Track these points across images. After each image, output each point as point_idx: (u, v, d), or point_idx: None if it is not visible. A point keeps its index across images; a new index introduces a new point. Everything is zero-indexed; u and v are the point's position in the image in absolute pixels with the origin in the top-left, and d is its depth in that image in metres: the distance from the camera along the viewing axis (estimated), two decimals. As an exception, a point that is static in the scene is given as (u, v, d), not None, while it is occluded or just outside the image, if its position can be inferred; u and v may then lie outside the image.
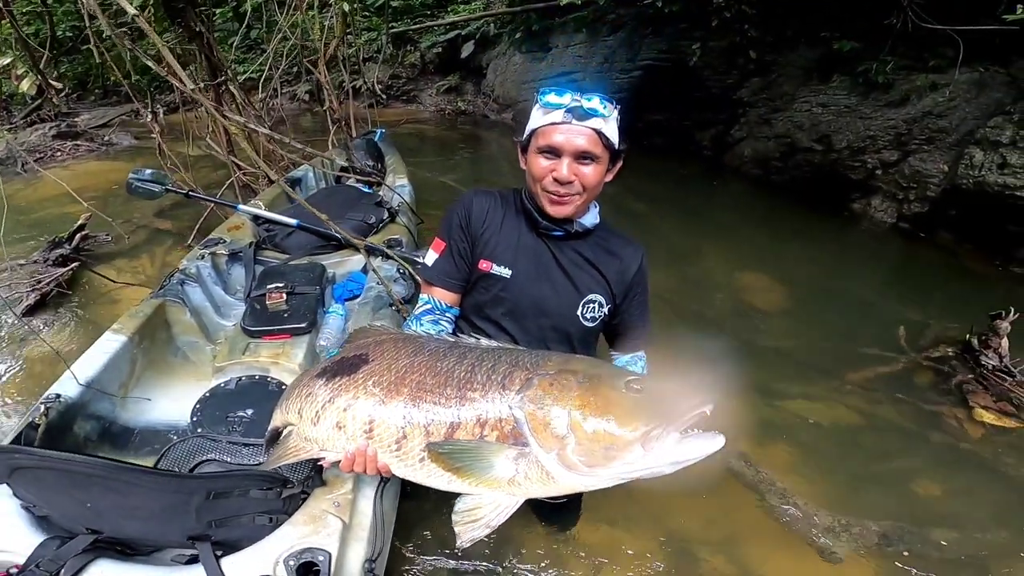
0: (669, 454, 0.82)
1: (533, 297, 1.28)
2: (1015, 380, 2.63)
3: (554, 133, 1.15)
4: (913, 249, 4.09)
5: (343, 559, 1.02)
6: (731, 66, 5.24)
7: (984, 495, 2.15)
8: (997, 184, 3.51)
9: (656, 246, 3.90)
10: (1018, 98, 3.59)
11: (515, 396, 0.86)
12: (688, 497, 2.00)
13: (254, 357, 1.72)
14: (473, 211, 1.30)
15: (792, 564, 1.81)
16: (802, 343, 2.98)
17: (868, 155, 4.27)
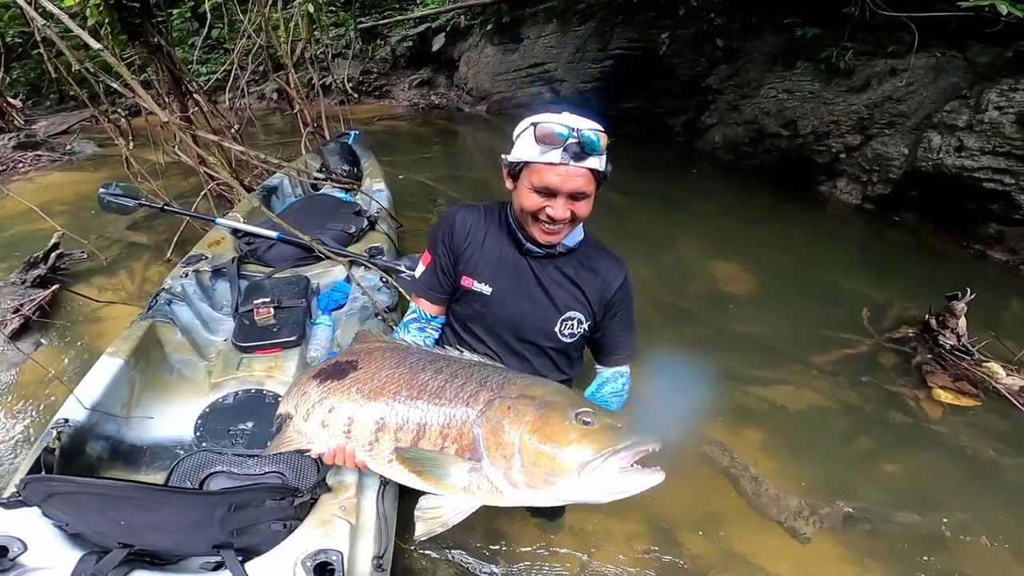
0: (604, 485, 0.89)
1: (512, 314, 1.31)
2: (973, 360, 2.74)
3: (550, 174, 1.13)
4: (877, 230, 4.24)
5: (354, 557, 1.12)
6: (699, 54, 5.31)
7: (944, 474, 2.25)
8: (955, 166, 3.66)
9: (632, 237, 3.99)
10: (974, 82, 3.72)
11: (476, 414, 0.95)
12: (671, 484, 2.07)
13: (248, 372, 1.78)
14: (456, 228, 1.32)
15: (766, 545, 1.92)
16: (772, 329, 3.08)
17: (832, 139, 4.39)
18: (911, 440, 2.41)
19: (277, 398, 1.68)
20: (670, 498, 2.05)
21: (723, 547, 1.90)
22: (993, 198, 3.65)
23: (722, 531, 1.96)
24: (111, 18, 2.46)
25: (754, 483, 2.13)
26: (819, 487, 2.14)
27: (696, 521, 1.99)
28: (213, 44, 6.28)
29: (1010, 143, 3.44)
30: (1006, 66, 3.56)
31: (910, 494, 2.15)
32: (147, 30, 2.78)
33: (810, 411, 2.55)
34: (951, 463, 2.31)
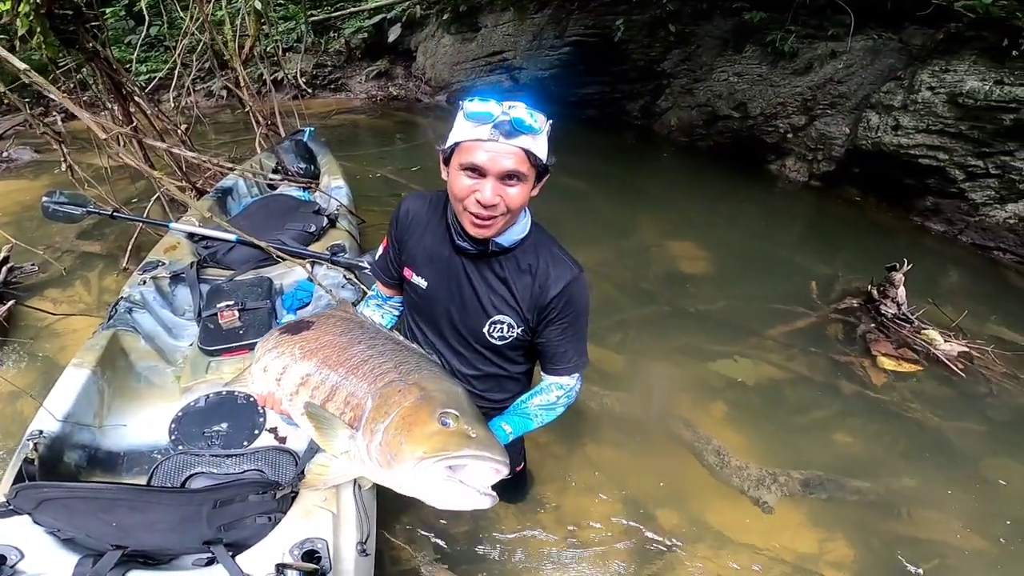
0: (430, 486, 0.92)
1: (443, 310, 1.30)
2: (912, 327, 2.91)
3: (478, 150, 1.05)
4: (824, 205, 4.44)
5: (338, 544, 1.19)
6: (653, 39, 5.40)
7: (893, 440, 2.39)
8: (892, 144, 3.85)
9: (594, 221, 4.06)
10: (908, 63, 3.91)
11: (375, 390, 1.03)
12: (643, 462, 2.22)
13: (218, 375, 1.78)
14: (400, 217, 1.32)
15: (734, 515, 2.02)
16: (727, 305, 3.21)
17: (780, 120, 4.56)
18: (860, 408, 2.53)
19: (249, 399, 1.70)
20: (644, 476, 2.15)
21: (694, 519, 2.00)
22: (929, 173, 3.86)
23: (693, 504, 2.06)
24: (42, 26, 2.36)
25: (717, 456, 2.24)
26: (778, 457, 2.25)
27: (668, 496, 2.08)
28: (152, 42, 6.04)
29: (942, 121, 3.65)
30: (937, 48, 3.76)
31: (862, 461, 2.27)
32: (82, 36, 2.67)
33: (766, 383, 2.67)
34: (898, 430, 2.44)
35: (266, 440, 1.61)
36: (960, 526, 2.04)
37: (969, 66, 3.52)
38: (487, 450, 0.92)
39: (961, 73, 3.52)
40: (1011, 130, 3.44)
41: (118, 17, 6.00)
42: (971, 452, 2.34)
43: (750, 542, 1.93)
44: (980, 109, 3.48)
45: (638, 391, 2.56)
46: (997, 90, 3.38)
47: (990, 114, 3.46)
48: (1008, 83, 3.35)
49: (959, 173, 3.72)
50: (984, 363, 2.78)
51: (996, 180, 3.64)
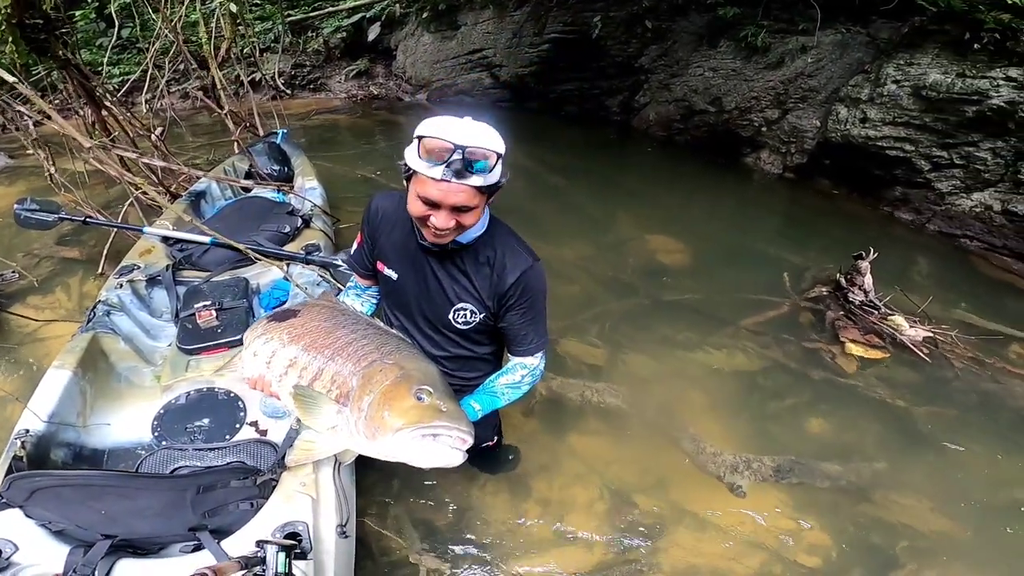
0: (409, 450, 1.06)
1: (412, 299, 1.42)
2: (879, 314, 2.99)
3: (432, 188, 1.13)
4: (797, 196, 4.53)
5: (318, 527, 1.25)
6: (631, 35, 5.45)
7: (863, 425, 2.44)
8: (861, 136, 3.94)
9: (573, 217, 4.10)
10: (875, 57, 4.00)
11: (359, 369, 1.13)
12: (624, 451, 2.27)
13: (198, 372, 1.84)
14: (371, 216, 1.42)
15: (711, 501, 2.08)
16: (704, 296, 3.27)
17: (754, 114, 4.64)
18: (831, 394, 2.59)
19: (230, 394, 1.76)
20: (623, 463, 2.20)
21: (674, 505, 2.06)
22: (896, 164, 3.96)
23: (672, 491, 2.11)
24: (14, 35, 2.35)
25: (694, 443, 2.30)
26: (752, 444, 2.30)
27: (648, 483, 2.14)
28: (125, 44, 5.96)
29: (908, 113, 3.74)
30: (902, 41, 3.84)
31: (833, 446, 2.33)
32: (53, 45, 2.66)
33: (741, 372, 2.73)
34: (868, 415, 2.50)
35: (247, 433, 1.68)
36: (929, 509, 2.09)
37: (932, 59, 3.61)
38: (455, 422, 1.06)
39: (925, 66, 3.61)
40: (974, 122, 3.53)
41: (88, 19, 5.92)
42: (938, 435, 2.41)
43: (728, 527, 1.99)
44: (943, 101, 3.57)
45: (618, 382, 2.60)
46: (959, 83, 3.47)
47: (953, 106, 3.55)
48: (970, 76, 3.44)
49: (925, 164, 3.82)
50: (949, 348, 2.85)
51: (961, 170, 3.74)
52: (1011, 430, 2.45)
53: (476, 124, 1.15)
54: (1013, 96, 3.35)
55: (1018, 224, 3.55)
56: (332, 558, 1.24)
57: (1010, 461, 2.31)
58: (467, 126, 1.13)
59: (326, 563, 1.23)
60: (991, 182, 3.65)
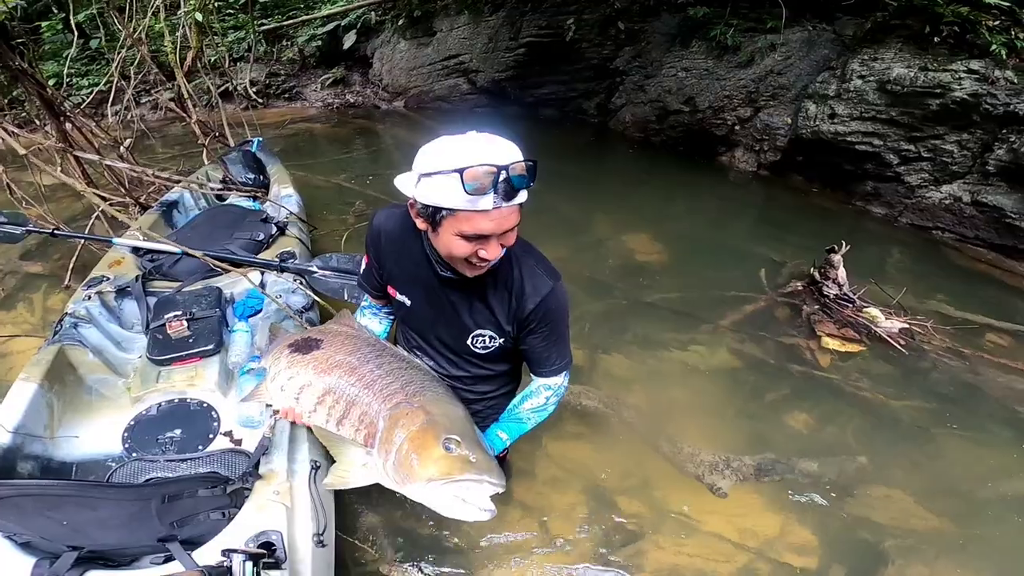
0: (441, 502, 1.09)
1: (429, 326, 1.37)
2: (854, 307, 3.01)
3: (483, 221, 1.03)
4: (772, 193, 4.59)
5: (293, 535, 1.23)
6: (605, 37, 5.49)
7: (843, 420, 2.43)
8: (830, 132, 4.01)
9: (551, 219, 4.09)
10: (841, 53, 4.07)
11: (385, 411, 1.15)
12: (604, 454, 2.24)
13: (169, 383, 1.80)
14: (374, 238, 1.34)
15: (694, 503, 2.05)
16: (682, 295, 3.28)
17: (727, 113, 4.70)
18: (809, 390, 2.59)
19: (202, 404, 1.74)
20: (603, 467, 2.17)
21: (657, 507, 2.03)
22: (866, 159, 4.03)
23: (654, 492, 2.08)
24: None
25: (670, 443, 2.27)
26: (732, 443, 2.28)
27: (630, 486, 2.11)
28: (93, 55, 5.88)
29: (874, 108, 3.81)
30: (866, 37, 3.92)
31: (813, 443, 2.31)
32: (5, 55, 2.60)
33: (719, 370, 2.72)
34: (848, 409, 2.49)
35: (221, 443, 1.65)
36: (914, 503, 2.07)
37: (895, 54, 3.68)
38: (485, 473, 1.08)
39: (888, 61, 3.69)
40: (938, 114, 3.61)
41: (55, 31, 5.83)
42: (919, 428, 2.40)
43: (713, 529, 1.96)
44: (908, 95, 3.64)
45: (596, 384, 2.58)
46: (922, 76, 3.54)
47: (917, 99, 3.62)
48: (932, 69, 3.52)
49: (894, 157, 3.89)
50: (925, 339, 2.88)
51: (929, 163, 3.81)
52: (991, 421, 2.45)
53: (490, 137, 1.06)
54: (975, 88, 3.43)
55: (988, 215, 3.62)
56: (309, 568, 1.22)
57: (992, 452, 2.30)
58: (486, 141, 1.04)
59: (302, 573, 1.21)
60: (959, 174, 3.73)
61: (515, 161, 1.01)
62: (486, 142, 1.04)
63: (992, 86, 3.40)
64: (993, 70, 3.40)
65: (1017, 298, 3.32)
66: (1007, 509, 2.08)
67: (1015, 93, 3.34)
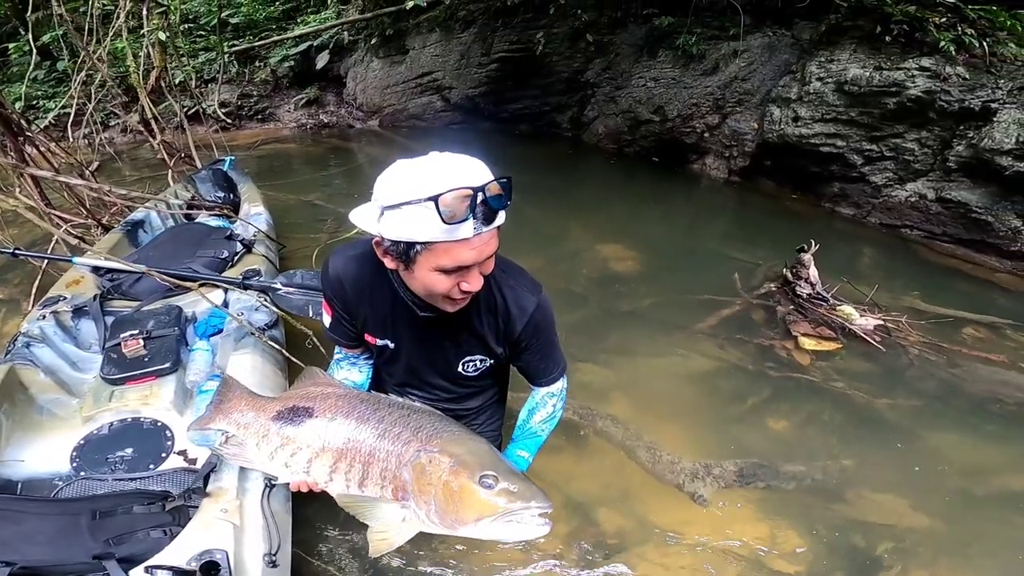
0: (496, 534, 1.07)
1: (417, 363, 1.33)
2: (828, 305, 3.02)
3: (464, 251, 0.95)
4: (744, 199, 4.65)
5: (240, 555, 1.18)
6: (575, 50, 5.59)
7: (825, 421, 2.38)
8: (795, 135, 4.09)
9: (525, 232, 4.06)
10: (800, 56, 4.18)
11: (406, 460, 1.12)
12: (581, 466, 2.18)
13: (122, 402, 1.77)
14: (334, 288, 1.25)
15: (677, 513, 1.97)
16: (656, 301, 3.27)
17: (696, 120, 4.78)
18: (789, 392, 2.54)
19: (156, 423, 1.71)
20: (582, 479, 2.11)
21: (640, 519, 1.95)
22: (831, 160, 4.11)
23: (637, 504, 2.01)
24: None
25: (649, 452, 2.21)
26: (714, 449, 2.22)
27: (611, 497, 2.03)
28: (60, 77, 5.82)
29: (835, 109, 3.90)
30: (821, 39, 4.04)
31: (796, 446, 2.25)
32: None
33: (697, 375, 2.67)
34: (830, 410, 2.43)
35: (175, 462, 1.61)
36: (905, 504, 2.01)
37: (850, 55, 3.78)
38: (532, 500, 1.06)
39: (844, 62, 3.79)
40: (896, 113, 3.70)
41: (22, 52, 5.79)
42: (903, 426, 2.35)
43: (698, 539, 1.88)
44: (865, 95, 3.73)
45: (572, 395, 2.49)
46: (877, 75, 3.64)
47: (875, 99, 3.72)
48: (886, 68, 3.61)
49: (857, 158, 3.97)
50: (902, 335, 2.87)
51: (892, 162, 3.89)
52: (974, 415, 2.41)
53: (453, 156, 0.97)
54: (929, 85, 3.52)
55: (953, 211, 3.69)
56: None
57: (981, 447, 2.26)
58: (453, 162, 0.95)
59: (251, 594, 1.16)
60: (922, 172, 3.81)
61: (490, 181, 0.93)
62: (454, 163, 0.95)
63: (944, 83, 3.51)
64: (944, 67, 3.51)
65: (990, 291, 3.36)
66: (1004, 505, 2.03)
67: (968, 89, 3.45)
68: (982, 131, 3.42)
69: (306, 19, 6.97)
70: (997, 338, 2.91)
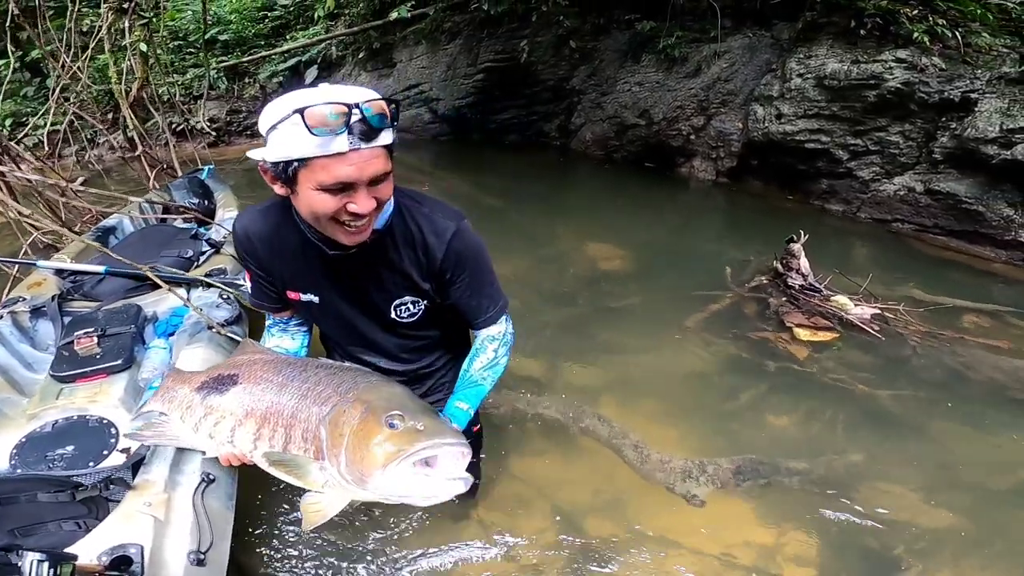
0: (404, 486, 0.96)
1: (345, 315, 1.27)
2: (821, 296, 2.95)
3: (341, 166, 0.93)
4: (733, 199, 4.62)
5: (159, 551, 1.11)
6: (559, 58, 5.61)
7: (827, 414, 2.27)
8: (779, 133, 4.07)
9: (513, 235, 4.04)
10: (780, 55, 4.18)
11: (323, 417, 1.05)
12: (570, 469, 2.06)
13: (69, 400, 1.72)
14: (245, 247, 1.22)
15: (673, 516, 1.86)
16: (646, 299, 3.21)
17: (681, 123, 4.76)
18: (787, 385, 2.45)
19: (102, 421, 1.64)
20: (571, 483, 1.99)
21: (631, 525, 1.83)
22: (817, 157, 4.08)
23: (629, 508, 1.89)
24: None
25: (638, 451, 2.10)
26: (710, 447, 2.11)
27: (602, 503, 1.91)
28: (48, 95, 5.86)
29: (817, 105, 3.88)
30: (799, 36, 4.05)
31: (799, 441, 2.14)
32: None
33: (691, 372, 2.59)
34: (832, 402, 2.33)
35: (116, 460, 1.53)
36: (920, 500, 1.89)
37: (827, 50, 3.79)
38: (439, 436, 0.95)
39: (822, 57, 3.79)
40: (878, 106, 3.68)
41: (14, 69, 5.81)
42: (911, 418, 2.25)
43: (697, 544, 1.75)
44: (845, 89, 3.73)
45: (558, 395, 2.43)
46: (855, 69, 3.64)
47: (855, 92, 3.70)
48: (863, 61, 3.61)
49: (843, 153, 3.94)
50: (901, 324, 2.79)
51: (877, 156, 3.86)
52: (984, 404, 2.31)
53: (338, 84, 0.98)
54: (907, 77, 3.52)
55: (943, 202, 3.64)
56: None
57: (993, 438, 2.15)
58: (338, 86, 0.96)
59: (167, 591, 1.07)
60: (909, 165, 3.78)
61: (369, 99, 0.93)
62: (337, 86, 0.96)
63: (922, 74, 3.50)
64: (920, 57, 3.51)
65: (988, 281, 3.29)
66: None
67: (947, 80, 3.44)
68: (964, 121, 3.40)
69: (295, 35, 7.03)
70: (1000, 325, 2.83)
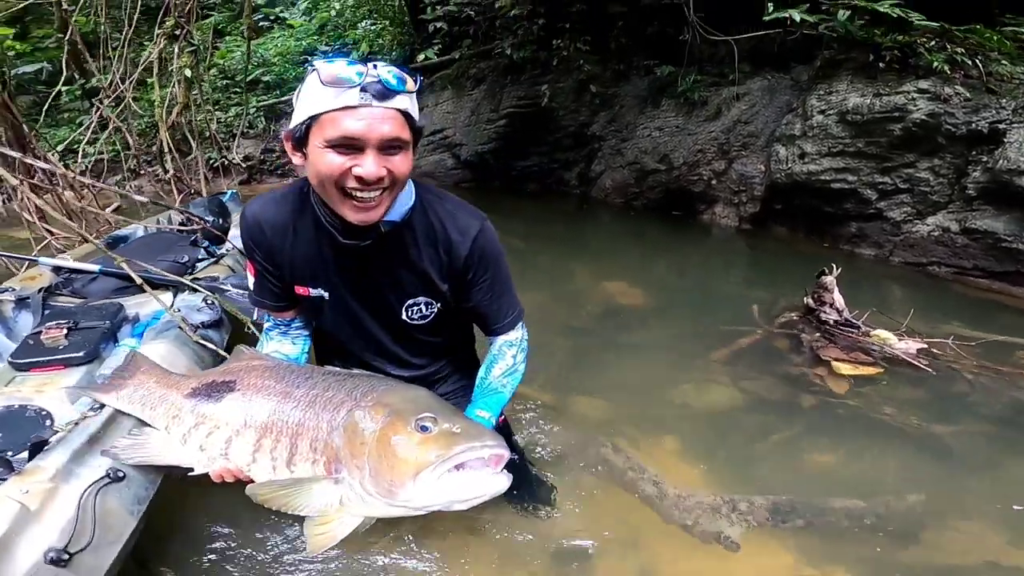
0: (442, 492, 0.88)
1: (354, 313, 1.21)
2: (861, 331, 2.75)
3: (349, 119, 0.91)
4: (758, 245, 4.48)
5: (14, 544, 1.02)
6: (580, 103, 5.73)
7: (876, 453, 2.08)
8: (803, 173, 3.98)
9: (528, 272, 3.90)
10: (800, 95, 4.18)
11: (337, 423, 0.96)
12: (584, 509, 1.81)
13: (16, 388, 1.65)
14: (253, 234, 1.17)
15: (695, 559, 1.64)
16: (667, 334, 3.05)
17: (702, 167, 4.72)
18: (828, 421, 2.26)
19: (41, 412, 1.55)
20: (586, 524, 1.73)
21: (653, 570, 1.60)
22: (844, 197, 3.95)
23: (642, 553, 1.65)
24: None
25: (659, 490, 1.87)
26: (740, 488, 1.88)
27: (613, 548, 1.67)
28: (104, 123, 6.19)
29: (841, 142, 3.80)
30: (818, 74, 4.04)
31: (846, 480, 1.95)
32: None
33: (716, 409, 2.39)
34: (880, 440, 2.13)
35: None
36: (1002, 542, 1.66)
37: (848, 85, 3.75)
38: (478, 439, 0.90)
39: (843, 92, 3.75)
40: (904, 140, 3.57)
41: (74, 97, 6.18)
42: (977, 454, 2.05)
43: None
44: (869, 123, 3.64)
45: (569, 429, 2.20)
46: (877, 102, 3.57)
47: (879, 126, 3.61)
48: (885, 93, 3.55)
49: (871, 192, 3.81)
50: (950, 358, 2.58)
51: (908, 195, 3.72)
52: None
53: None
54: (932, 108, 3.43)
55: (982, 241, 3.43)
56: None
57: None
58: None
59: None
60: (941, 204, 3.62)
61: (384, 65, 0.93)
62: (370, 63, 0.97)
63: (947, 104, 3.42)
64: (943, 87, 3.44)
65: (1036, 320, 3.04)
66: None
67: (973, 110, 3.35)
68: (995, 153, 3.27)
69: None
70: (1058, 360, 2.58)
